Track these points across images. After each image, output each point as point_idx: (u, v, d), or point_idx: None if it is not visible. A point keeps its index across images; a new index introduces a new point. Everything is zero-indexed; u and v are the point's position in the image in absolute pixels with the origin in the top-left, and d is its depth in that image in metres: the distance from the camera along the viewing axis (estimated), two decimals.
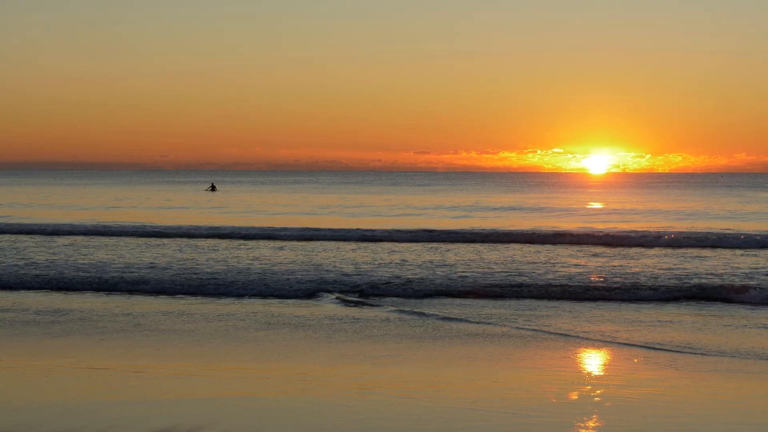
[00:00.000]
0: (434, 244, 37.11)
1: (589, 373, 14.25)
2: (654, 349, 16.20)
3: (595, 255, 32.88)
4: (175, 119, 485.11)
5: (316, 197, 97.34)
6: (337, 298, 22.31)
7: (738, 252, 34.10)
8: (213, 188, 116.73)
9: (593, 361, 15.51)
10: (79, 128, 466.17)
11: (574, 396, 12.49)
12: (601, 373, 14.35)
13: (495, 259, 30.81)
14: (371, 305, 21.37)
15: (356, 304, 21.56)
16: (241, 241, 38.31)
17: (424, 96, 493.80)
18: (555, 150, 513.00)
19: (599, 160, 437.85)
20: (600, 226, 48.75)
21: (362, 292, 23.01)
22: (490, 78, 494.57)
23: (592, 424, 11.03)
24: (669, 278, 25.74)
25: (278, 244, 37.28)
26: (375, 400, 12.22)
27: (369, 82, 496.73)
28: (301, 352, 15.70)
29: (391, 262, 29.81)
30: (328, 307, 21.24)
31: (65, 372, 13.91)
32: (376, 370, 14.30)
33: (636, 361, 15.31)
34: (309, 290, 23.20)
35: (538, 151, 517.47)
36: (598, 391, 12.76)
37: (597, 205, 79.97)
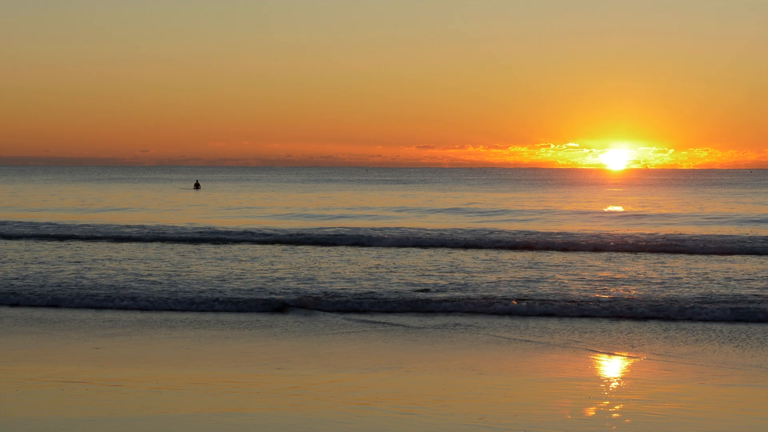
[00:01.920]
0: (433, 249, 37.15)
1: (607, 387, 14.25)
2: (677, 362, 16.22)
3: (613, 262, 32.91)
4: (157, 111, 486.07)
5: (306, 196, 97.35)
6: (334, 308, 22.34)
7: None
8: (197, 186, 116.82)
9: (611, 374, 15.53)
10: (50, 120, 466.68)
11: (591, 412, 12.51)
12: (621, 387, 14.35)
13: (503, 269, 30.87)
14: (367, 317, 21.42)
15: (350, 314, 21.62)
16: (200, 245, 38.31)
17: (427, 85, 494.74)
18: (570, 144, 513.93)
19: (618, 156, 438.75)
20: (635, 230, 48.76)
21: (353, 302, 22.94)
22: (499, 65, 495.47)
23: None
24: (698, 289, 25.79)
25: (257, 249, 37.31)
26: (375, 416, 12.23)
27: (367, 70, 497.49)
28: (293, 363, 15.71)
29: (389, 271, 29.86)
30: (321, 316, 21.29)
31: (37, 385, 13.90)
32: (375, 383, 14.31)
33: (658, 374, 15.33)
34: (297, 299, 23.18)
35: (552, 146, 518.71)
36: (617, 407, 12.78)
37: (617, 208, 79.99)
